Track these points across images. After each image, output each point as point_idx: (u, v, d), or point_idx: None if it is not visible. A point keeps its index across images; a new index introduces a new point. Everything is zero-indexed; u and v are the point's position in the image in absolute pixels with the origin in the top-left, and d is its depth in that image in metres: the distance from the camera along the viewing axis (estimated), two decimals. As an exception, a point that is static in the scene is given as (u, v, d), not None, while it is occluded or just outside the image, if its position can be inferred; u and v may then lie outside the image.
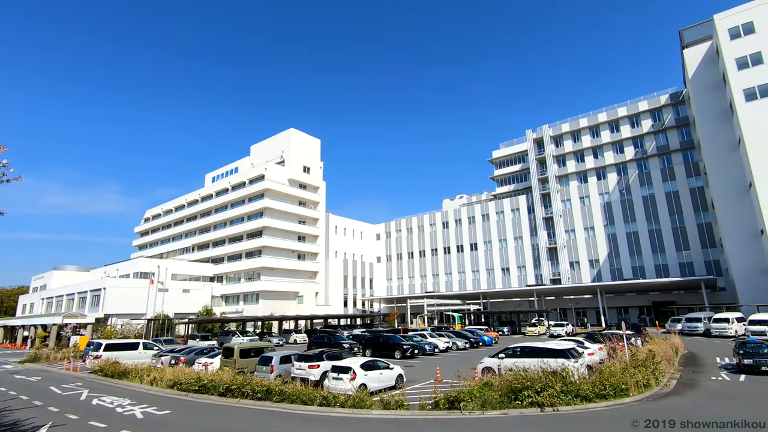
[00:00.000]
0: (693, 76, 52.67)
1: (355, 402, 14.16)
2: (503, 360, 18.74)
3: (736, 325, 36.47)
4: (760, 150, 41.78)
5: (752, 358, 19.12)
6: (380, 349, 29.75)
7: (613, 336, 25.18)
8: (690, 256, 57.40)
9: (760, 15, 44.29)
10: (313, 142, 77.15)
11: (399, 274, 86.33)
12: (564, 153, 70.06)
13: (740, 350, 20.34)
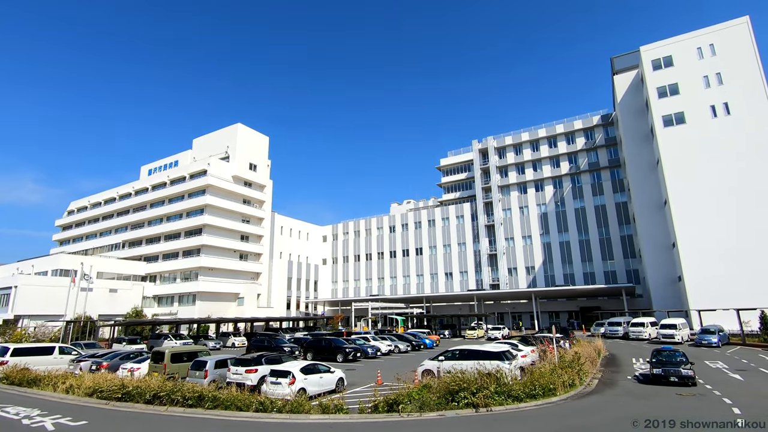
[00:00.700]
0: (621, 100, 57.63)
1: (293, 407, 13.85)
2: (442, 362, 19.22)
3: (650, 329, 40.14)
4: (675, 171, 46.55)
5: (662, 367, 18.38)
6: (322, 353, 29.41)
7: (544, 339, 26.75)
8: (614, 265, 62.42)
9: (679, 50, 49.43)
10: (261, 139, 74.91)
11: (345, 277, 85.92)
12: (506, 164, 73.58)
13: (653, 358, 19.58)
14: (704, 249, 43.15)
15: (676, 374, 17.68)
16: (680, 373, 17.59)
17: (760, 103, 44.21)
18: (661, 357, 19.18)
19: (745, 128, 44.18)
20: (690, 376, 17.46)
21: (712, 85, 46.89)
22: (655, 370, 18.36)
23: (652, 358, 19.69)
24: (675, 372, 17.71)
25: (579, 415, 13.45)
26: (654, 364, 18.89)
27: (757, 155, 43.13)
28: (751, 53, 45.82)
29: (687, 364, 17.95)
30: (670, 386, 17.52)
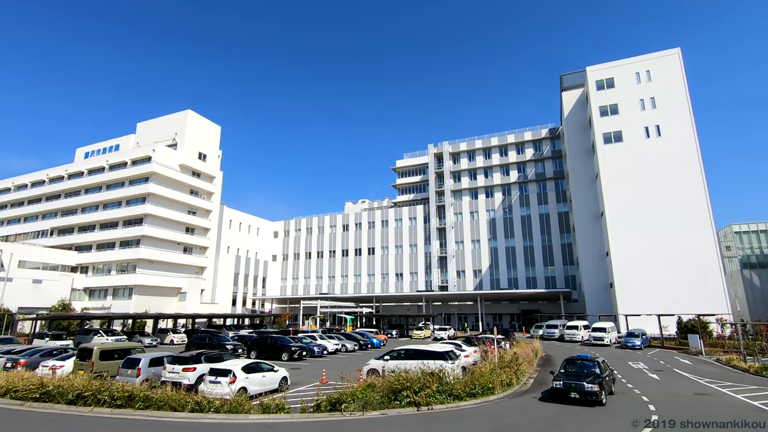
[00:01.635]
0: (567, 115, 61.09)
1: (232, 407, 13.40)
2: (388, 362, 19.39)
3: (583, 331, 42.86)
4: (611, 185, 50.04)
5: (563, 380, 15.60)
6: (267, 351, 28.74)
7: (486, 340, 27.78)
8: (554, 271, 66.01)
9: (620, 73, 53.18)
10: (213, 129, 71.85)
11: (294, 274, 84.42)
12: (460, 169, 75.65)
13: (562, 368, 16.97)
14: (633, 258, 46.73)
15: (578, 389, 14.97)
16: (582, 389, 14.91)
17: (686, 127, 48.54)
18: (570, 368, 16.73)
19: (673, 150, 48.34)
20: (593, 392, 14.71)
21: (647, 107, 50.88)
22: (556, 383, 15.70)
23: (561, 368, 17.16)
24: (576, 387, 15.04)
25: (514, 413, 14.08)
26: (558, 375, 16.28)
27: (682, 175, 47.28)
28: (680, 82, 50.20)
29: (597, 378, 15.36)
30: (570, 404, 14.96)
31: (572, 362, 17.11)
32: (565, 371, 16.57)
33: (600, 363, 16.80)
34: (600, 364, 16.66)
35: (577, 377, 15.68)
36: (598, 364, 16.69)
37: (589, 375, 15.78)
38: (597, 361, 16.85)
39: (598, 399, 14.81)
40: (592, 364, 16.58)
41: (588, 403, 14.90)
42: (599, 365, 16.60)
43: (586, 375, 15.80)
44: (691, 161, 47.40)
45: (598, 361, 16.91)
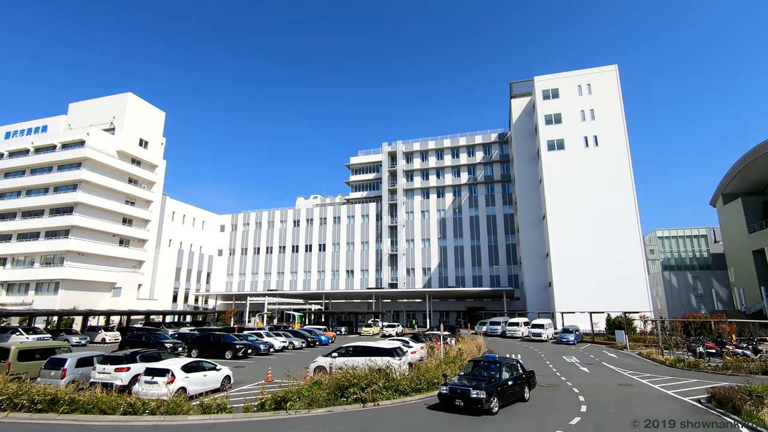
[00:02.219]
0: (515, 122, 63.91)
1: (170, 408, 12.77)
2: (335, 359, 19.34)
3: (523, 328, 45.17)
4: (552, 190, 53.02)
5: (449, 385, 13.70)
6: (209, 349, 27.66)
7: (433, 336, 28.50)
8: (499, 270, 68.89)
9: (564, 85, 56.40)
10: (156, 114, 67.66)
11: (241, 270, 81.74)
12: (413, 169, 76.81)
13: (463, 370, 15.87)
14: (569, 260, 49.85)
15: (463, 395, 13.07)
16: (468, 395, 12.94)
17: (620, 139, 52.44)
18: (472, 369, 15.34)
19: (608, 159, 52.05)
20: (478, 400, 12.75)
21: (587, 119, 54.39)
22: (443, 388, 13.76)
23: (462, 370, 15.96)
24: (462, 393, 13.12)
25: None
26: (461, 377, 14.84)
27: (615, 183, 51.04)
28: (616, 96, 54.13)
29: (491, 383, 13.61)
30: (456, 413, 13.20)
31: (476, 363, 15.72)
32: (464, 373, 15.31)
33: (508, 364, 15.35)
34: (508, 366, 15.19)
35: (470, 381, 13.85)
36: (506, 365, 15.07)
37: (483, 379, 14.02)
38: (502, 362, 15.14)
39: (484, 408, 12.76)
40: (495, 366, 14.81)
41: (473, 411, 12.97)
42: (506, 367, 15.00)
43: (482, 379, 14.08)
44: (623, 171, 51.26)
45: (506, 363, 15.37)
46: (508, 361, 15.93)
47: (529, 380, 15.93)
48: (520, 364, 16.22)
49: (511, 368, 15.37)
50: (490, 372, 14.66)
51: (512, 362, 16.05)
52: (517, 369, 15.73)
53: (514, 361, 16.36)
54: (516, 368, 15.68)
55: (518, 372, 15.57)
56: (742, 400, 12.99)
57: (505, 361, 15.62)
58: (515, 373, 15.30)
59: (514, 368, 15.55)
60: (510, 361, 16.01)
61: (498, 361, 15.29)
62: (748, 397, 13.07)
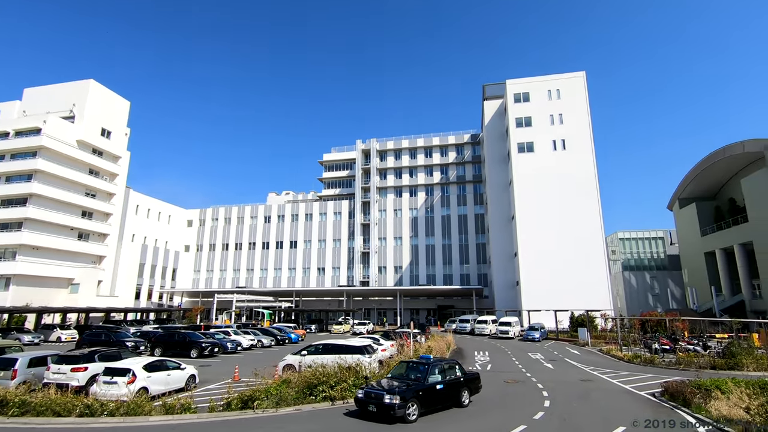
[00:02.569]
0: (488, 124, 65.11)
1: (130, 408, 12.30)
2: (305, 357, 19.18)
3: (491, 325, 46.16)
4: (522, 191, 54.37)
5: (365, 389, 12.56)
6: (174, 348, 26.86)
7: (403, 334, 28.71)
8: (469, 269, 70.09)
9: (534, 89, 57.87)
10: (120, 103, 64.80)
11: (209, 266, 79.67)
12: (386, 167, 76.99)
13: (392, 372, 14.74)
14: (536, 259, 51.31)
15: (376, 401, 11.89)
16: (381, 401, 11.75)
17: (586, 144, 54.33)
18: (401, 372, 14.12)
19: (575, 163, 53.82)
20: (390, 405, 11.53)
21: (555, 123, 56.03)
22: (359, 392, 12.66)
23: (391, 371, 14.89)
24: (376, 398, 11.95)
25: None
26: (389, 380, 13.65)
27: (581, 186, 52.85)
28: (583, 102, 56.02)
29: (411, 389, 12.23)
30: (370, 420, 12.00)
31: (408, 365, 14.46)
32: (392, 375, 14.19)
33: (441, 367, 13.98)
34: (441, 369, 13.86)
35: (390, 385, 12.68)
36: (437, 367, 13.77)
37: (408, 382, 12.87)
38: (433, 364, 13.77)
39: (397, 414, 11.50)
40: (423, 368, 13.49)
41: (387, 419, 11.70)
42: (439, 369, 13.74)
43: (407, 382, 12.92)
44: (588, 175, 53.15)
45: (438, 365, 13.97)
46: (442, 362, 14.43)
47: (470, 384, 14.46)
48: (459, 366, 14.73)
49: (445, 371, 13.97)
50: (417, 374, 13.38)
51: (448, 364, 14.54)
52: (454, 372, 14.26)
53: (451, 363, 14.76)
54: (452, 371, 14.24)
55: (454, 375, 14.11)
56: (692, 394, 13.78)
57: (438, 363, 14.11)
58: (450, 377, 13.88)
59: (449, 371, 14.13)
60: (445, 363, 14.49)
61: (427, 362, 13.90)
62: (697, 391, 13.87)
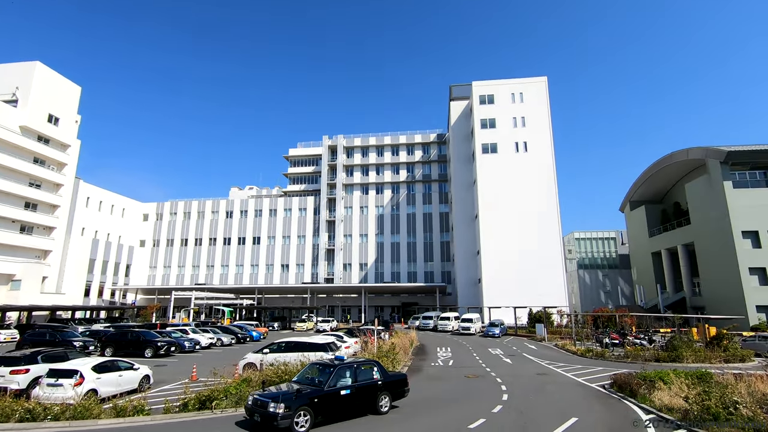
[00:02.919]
0: (453, 124, 66.21)
1: (77, 412, 11.62)
2: (266, 355, 18.84)
3: (454, 322, 47.08)
4: (485, 191, 55.72)
5: (255, 395, 11.03)
6: (126, 347, 25.63)
7: (367, 331, 28.76)
8: (433, 267, 71.14)
9: (499, 91, 59.34)
10: (70, 88, 60.81)
11: (167, 262, 76.53)
12: (353, 164, 76.72)
13: (298, 375, 12.85)
14: (498, 257, 52.79)
15: (261, 410, 10.45)
16: (266, 410, 10.30)
17: (546, 146, 56.34)
18: (307, 375, 12.41)
19: (536, 165, 55.70)
20: (273, 415, 10.11)
21: (518, 125, 57.76)
22: (249, 398, 11.23)
23: (298, 375, 13.05)
24: (261, 407, 10.50)
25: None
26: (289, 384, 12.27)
27: (541, 187, 54.78)
28: (545, 106, 58.03)
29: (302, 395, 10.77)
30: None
31: (316, 366, 12.70)
32: (297, 378, 12.69)
33: (354, 369, 12.32)
34: (353, 371, 12.24)
35: (287, 390, 11.20)
36: (348, 370, 12.18)
37: (308, 387, 11.47)
38: (339, 366, 12.06)
39: (280, 426, 10.09)
40: (328, 371, 11.91)
41: (271, 430, 10.22)
42: (350, 372, 12.16)
43: (309, 386, 11.54)
44: (548, 177, 55.17)
45: (350, 366, 12.32)
46: (353, 364, 12.62)
47: (392, 388, 12.86)
48: (378, 368, 13.02)
49: (357, 373, 12.28)
50: (321, 378, 11.78)
51: (362, 365, 12.74)
52: (370, 374, 12.63)
53: (366, 365, 12.95)
54: (367, 373, 12.59)
55: (370, 378, 12.51)
56: (638, 385, 14.65)
57: (347, 365, 12.37)
58: (363, 380, 12.27)
59: (363, 373, 12.48)
60: (358, 365, 12.68)
61: (333, 364, 12.22)
62: (642, 382, 14.76)
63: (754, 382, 12.70)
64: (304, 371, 12.87)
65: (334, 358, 13.70)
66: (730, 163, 44.63)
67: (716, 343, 25.65)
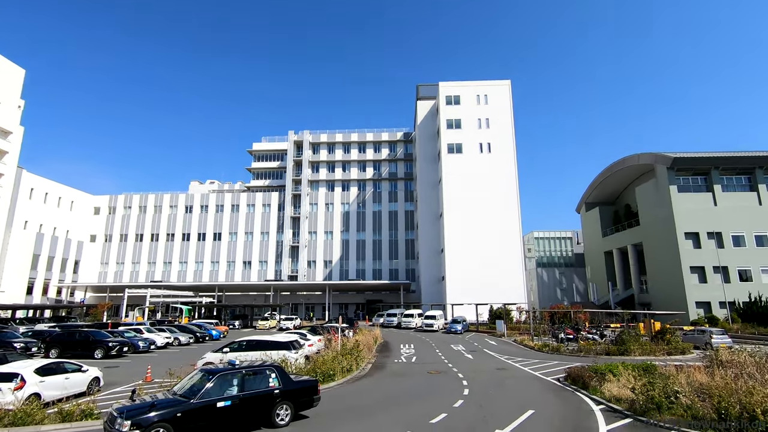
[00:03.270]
0: (420, 123, 66.91)
1: (17, 418, 10.85)
2: (227, 354, 18.36)
3: (417, 319, 47.67)
4: (450, 190, 56.72)
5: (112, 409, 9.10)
6: (74, 348, 24.16)
7: (331, 328, 28.60)
8: (398, 264, 71.68)
9: (465, 93, 60.52)
10: (13, 71, 56.54)
11: (120, 259, 72.82)
12: (319, 160, 75.92)
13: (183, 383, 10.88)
14: (461, 256, 53.93)
15: (110, 426, 8.68)
16: (112, 429, 8.51)
17: (509, 148, 58.04)
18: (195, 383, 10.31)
19: (499, 166, 57.28)
20: None
21: (483, 126, 59.16)
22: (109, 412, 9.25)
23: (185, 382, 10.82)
24: (110, 423, 8.75)
25: (351, 397, 14.83)
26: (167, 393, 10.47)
27: (503, 187, 56.41)
28: (508, 108, 59.75)
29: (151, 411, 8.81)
30: None
31: (203, 374, 10.64)
32: (179, 387, 10.62)
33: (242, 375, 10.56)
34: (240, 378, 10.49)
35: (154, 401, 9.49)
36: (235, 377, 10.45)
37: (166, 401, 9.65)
38: (223, 373, 10.40)
39: None
40: (209, 378, 10.17)
41: None
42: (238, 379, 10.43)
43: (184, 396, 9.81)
44: (509, 177, 56.87)
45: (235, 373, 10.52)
46: (241, 370, 10.72)
47: (297, 398, 11.22)
48: (276, 374, 11.20)
49: (246, 381, 10.54)
50: (198, 388, 9.94)
51: (253, 371, 10.90)
52: (264, 381, 10.90)
53: (259, 370, 11.06)
54: (260, 381, 10.84)
55: (265, 387, 10.78)
56: (590, 378, 15.42)
57: (233, 372, 10.54)
58: (255, 389, 10.56)
59: (255, 381, 10.75)
60: (249, 371, 10.83)
61: (216, 370, 10.55)
62: (594, 375, 15.54)
63: (692, 373, 13.64)
64: (189, 379, 10.81)
65: (228, 362, 11.52)
66: (675, 168, 47.69)
67: (660, 337, 27.38)
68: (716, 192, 47.64)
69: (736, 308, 42.46)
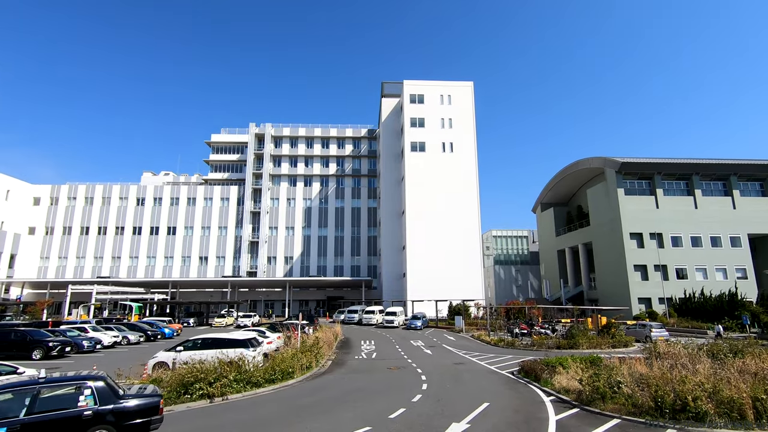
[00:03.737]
0: (384, 120, 67.05)
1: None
2: (180, 353, 17.68)
3: (378, 315, 47.96)
4: (413, 188, 57.31)
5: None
6: (8, 349, 22.45)
7: (291, 326, 28.23)
8: (359, 261, 71.66)
9: (429, 92, 61.24)
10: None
11: (63, 253, 68.17)
12: (281, 155, 74.42)
13: None
14: (422, 253, 54.70)
15: None
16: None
17: (470, 148, 59.38)
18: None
19: (460, 165, 58.48)
20: None
21: (446, 126, 60.14)
22: None
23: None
24: None
25: (309, 394, 14.71)
26: None
27: (464, 187, 57.64)
28: (470, 109, 61.07)
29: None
30: None
31: None
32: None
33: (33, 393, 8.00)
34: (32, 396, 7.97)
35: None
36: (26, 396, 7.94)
37: None
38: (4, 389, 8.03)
39: None
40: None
41: None
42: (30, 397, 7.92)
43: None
44: (470, 176, 58.23)
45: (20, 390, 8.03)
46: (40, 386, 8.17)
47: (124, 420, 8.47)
48: (95, 391, 8.43)
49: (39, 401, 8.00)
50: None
51: (57, 388, 8.41)
52: (72, 402, 8.25)
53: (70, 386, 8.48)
54: (66, 400, 8.28)
55: (72, 408, 8.16)
56: (542, 370, 16.15)
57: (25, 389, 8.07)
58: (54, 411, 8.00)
59: (56, 400, 8.22)
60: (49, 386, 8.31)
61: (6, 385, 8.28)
62: (545, 368, 16.28)
63: (633, 365, 14.61)
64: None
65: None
66: (623, 172, 50.67)
67: (606, 331, 29.09)
68: (658, 195, 51.08)
69: (673, 304, 45.81)
